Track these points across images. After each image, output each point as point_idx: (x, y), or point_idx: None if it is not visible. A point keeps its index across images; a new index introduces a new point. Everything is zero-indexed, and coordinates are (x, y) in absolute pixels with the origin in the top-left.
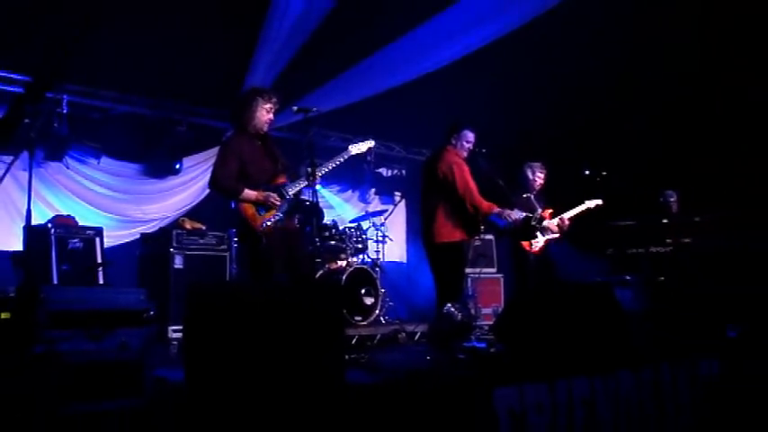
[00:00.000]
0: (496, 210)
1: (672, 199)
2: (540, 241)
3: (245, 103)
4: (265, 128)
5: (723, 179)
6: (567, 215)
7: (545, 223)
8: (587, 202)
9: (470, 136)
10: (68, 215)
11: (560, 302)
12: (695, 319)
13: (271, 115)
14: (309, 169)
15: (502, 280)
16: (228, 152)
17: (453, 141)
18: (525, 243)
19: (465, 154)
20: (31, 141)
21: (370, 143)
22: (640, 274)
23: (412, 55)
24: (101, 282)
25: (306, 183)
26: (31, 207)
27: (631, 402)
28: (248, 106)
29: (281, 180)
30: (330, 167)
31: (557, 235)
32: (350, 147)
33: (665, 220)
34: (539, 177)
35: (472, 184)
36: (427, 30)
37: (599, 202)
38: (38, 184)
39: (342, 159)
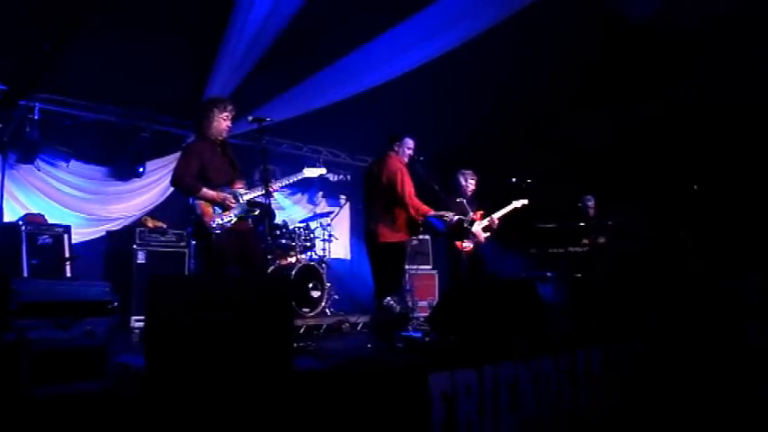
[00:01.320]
0: (433, 212)
1: (590, 203)
2: (471, 240)
3: (204, 112)
4: (224, 134)
5: (637, 185)
6: (497, 215)
7: (474, 229)
8: (515, 202)
9: (411, 143)
10: (39, 213)
11: (489, 296)
12: (606, 311)
13: (228, 123)
14: (263, 175)
15: (436, 275)
16: (191, 153)
17: (396, 148)
18: (458, 242)
19: (406, 160)
20: (4, 145)
21: (322, 170)
22: (560, 270)
23: (358, 71)
24: (68, 275)
25: (261, 191)
26: (4, 205)
27: (551, 384)
28: (206, 115)
29: (239, 185)
30: (284, 183)
31: (487, 234)
32: (304, 170)
33: (581, 224)
34: (471, 183)
35: (412, 189)
36: (372, 48)
37: (525, 201)
38: (10, 185)
39: (296, 179)
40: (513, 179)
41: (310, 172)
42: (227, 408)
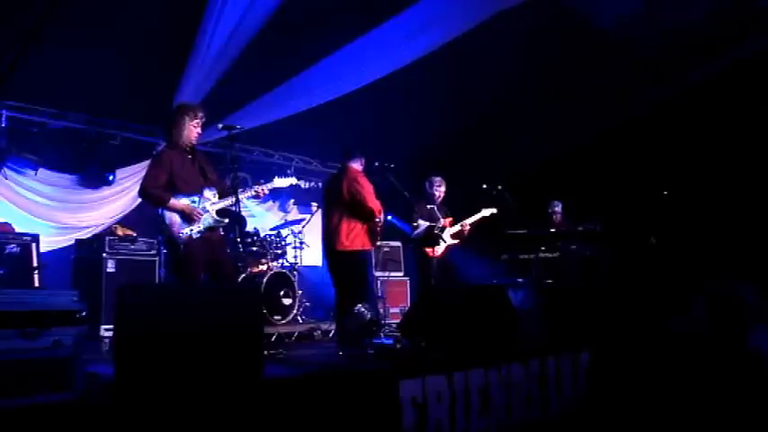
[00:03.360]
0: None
1: (557, 209)
2: (441, 247)
3: (174, 119)
4: (194, 142)
5: (607, 190)
6: (468, 222)
7: (444, 236)
8: (484, 210)
9: (361, 157)
10: (6, 222)
11: (460, 302)
12: (576, 317)
13: (199, 129)
14: (233, 183)
15: (408, 282)
16: (158, 164)
17: (353, 160)
18: (429, 249)
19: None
20: None
21: (293, 180)
22: (530, 276)
23: (329, 78)
24: (36, 284)
25: (230, 201)
26: None
27: (521, 389)
28: (176, 123)
29: (208, 194)
30: (252, 193)
31: (457, 241)
32: (275, 179)
33: (552, 230)
34: (438, 190)
35: (371, 190)
36: (343, 56)
37: (494, 210)
38: None
39: (266, 188)
40: (484, 186)
41: (281, 182)
42: (197, 417)
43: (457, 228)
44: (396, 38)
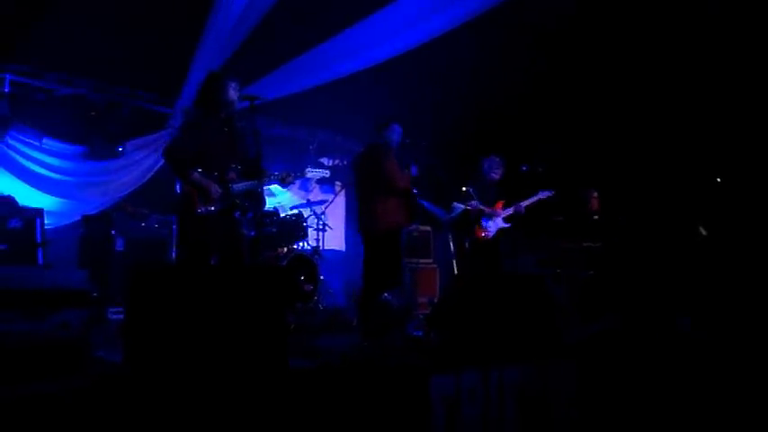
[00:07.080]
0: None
1: (592, 196)
2: (492, 229)
3: (217, 85)
4: (233, 109)
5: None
6: (524, 204)
7: (492, 220)
8: (541, 192)
9: (399, 129)
10: (8, 195)
11: (496, 293)
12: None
13: (236, 96)
14: (256, 159)
15: (437, 270)
16: (191, 132)
17: (383, 135)
18: (478, 230)
19: (395, 146)
20: None
21: (326, 173)
22: (572, 268)
23: (359, 47)
24: (40, 262)
25: (253, 183)
26: None
27: (561, 387)
28: (219, 88)
29: (232, 175)
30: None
31: (509, 225)
32: (306, 170)
33: (595, 217)
34: (497, 172)
35: (397, 173)
36: (375, 22)
37: (551, 193)
38: None
39: (295, 178)
40: (524, 167)
41: (312, 173)
42: (212, 410)
43: (510, 210)
44: (431, 4)
